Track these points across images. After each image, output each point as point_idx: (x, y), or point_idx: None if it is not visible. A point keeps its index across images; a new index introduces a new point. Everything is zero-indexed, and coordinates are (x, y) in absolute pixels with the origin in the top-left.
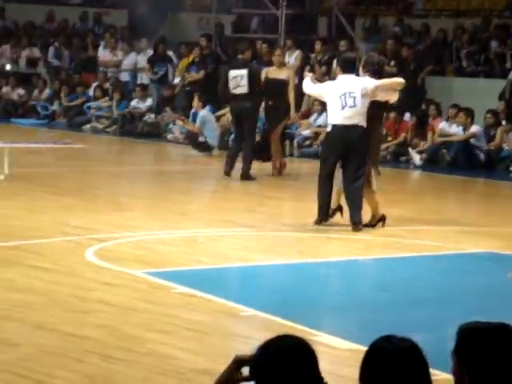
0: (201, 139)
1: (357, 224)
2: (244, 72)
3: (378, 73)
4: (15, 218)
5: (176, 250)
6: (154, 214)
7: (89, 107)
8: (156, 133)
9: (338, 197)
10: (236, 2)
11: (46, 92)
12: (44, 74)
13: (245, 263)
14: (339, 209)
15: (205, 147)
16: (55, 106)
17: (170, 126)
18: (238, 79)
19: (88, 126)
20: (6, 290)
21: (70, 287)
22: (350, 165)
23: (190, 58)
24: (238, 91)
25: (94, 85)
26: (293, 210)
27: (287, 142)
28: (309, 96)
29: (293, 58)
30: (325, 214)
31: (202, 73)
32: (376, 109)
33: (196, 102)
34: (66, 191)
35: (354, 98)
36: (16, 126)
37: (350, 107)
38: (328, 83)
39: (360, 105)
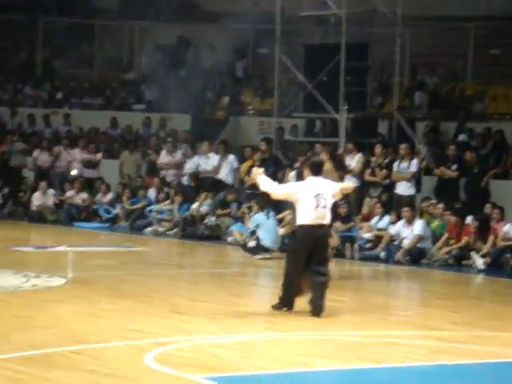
0: (250, 244)
1: (319, 310)
2: None
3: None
4: (76, 322)
5: (235, 354)
6: (213, 317)
7: (150, 210)
8: (217, 235)
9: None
10: (296, 106)
11: (109, 196)
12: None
13: (304, 368)
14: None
15: (255, 251)
16: (117, 210)
17: (231, 228)
18: None
19: (149, 228)
20: None
21: None
22: (316, 260)
23: (251, 161)
24: None
25: (156, 188)
26: (353, 313)
27: (347, 245)
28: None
29: (354, 161)
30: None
31: None
32: None
33: (254, 206)
34: (126, 294)
35: (325, 199)
36: (79, 230)
37: (323, 207)
38: (299, 183)
39: (329, 205)
